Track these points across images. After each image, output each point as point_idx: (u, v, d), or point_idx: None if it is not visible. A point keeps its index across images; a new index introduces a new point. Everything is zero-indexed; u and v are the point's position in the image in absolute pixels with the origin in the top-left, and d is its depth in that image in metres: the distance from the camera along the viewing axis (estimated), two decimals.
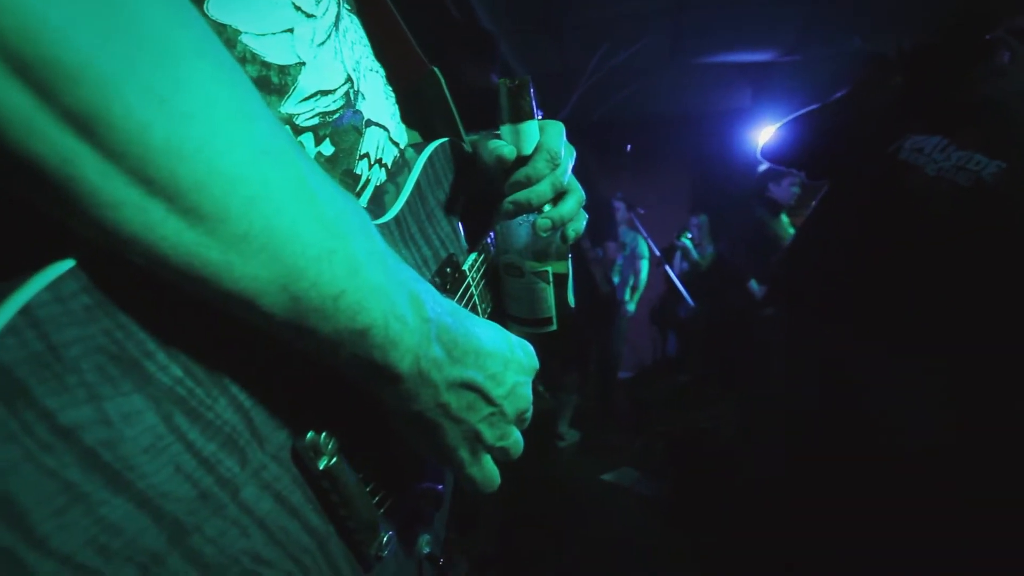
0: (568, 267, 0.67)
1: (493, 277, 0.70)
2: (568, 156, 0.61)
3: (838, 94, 1.43)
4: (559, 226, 0.61)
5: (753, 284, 3.64)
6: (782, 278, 1.82)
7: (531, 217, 0.60)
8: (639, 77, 3.94)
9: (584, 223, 0.66)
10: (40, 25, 0.20)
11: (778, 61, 4.12)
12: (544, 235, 0.60)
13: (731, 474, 2.18)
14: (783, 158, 1.65)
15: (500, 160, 0.57)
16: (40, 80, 0.21)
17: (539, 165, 0.58)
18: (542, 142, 0.59)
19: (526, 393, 0.45)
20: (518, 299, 0.65)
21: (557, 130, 0.61)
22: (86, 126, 0.22)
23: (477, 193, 0.71)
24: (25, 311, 0.23)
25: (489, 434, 0.42)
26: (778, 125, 1.61)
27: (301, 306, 0.29)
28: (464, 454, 0.42)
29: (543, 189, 0.59)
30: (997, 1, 1.26)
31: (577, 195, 0.64)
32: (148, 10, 0.23)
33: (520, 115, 0.57)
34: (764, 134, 1.64)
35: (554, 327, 0.66)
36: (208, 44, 0.27)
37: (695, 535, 2.28)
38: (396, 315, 0.33)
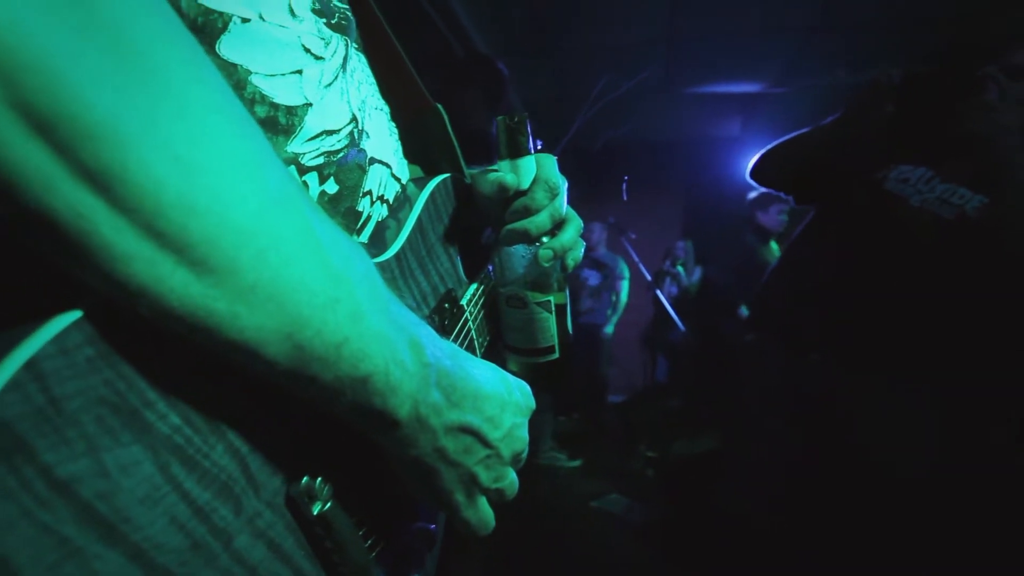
0: (567, 296, 0.69)
1: (492, 309, 0.71)
2: (563, 186, 0.63)
3: (829, 118, 1.45)
4: (560, 255, 0.62)
5: (744, 310, 3.68)
6: (763, 303, 1.83)
7: (531, 248, 0.61)
8: (635, 107, 4.02)
9: (582, 252, 0.67)
10: (64, 84, 0.20)
11: (767, 92, 4.23)
12: (546, 265, 0.61)
13: (719, 503, 2.17)
14: (771, 180, 1.67)
15: (501, 189, 0.59)
16: (60, 138, 0.21)
17: (538, 196, 0.60)
18: (540, 174, 0.61)
19: (523, 435, 0.45)
20: (521, 330, 0.65)
21: (551, 162, 0.63)
22: (102, 182, 0.22)
23: (477, 227, 0.72)
24: (30, 365, 0.23)
25: (485, 476, 0.42)
26: (768, 147, 1.62)
27: (305, 354, 0.29)
28: (460, 497, 0.42)
29: (542, 219, 0.60)
30: (991, 34, 1.30)
31: (575, 224, 0.66)
32: (168, 68, 0.24)
33: (518, 151, 0.59)
34: (754, 156, 1.65)
35: (557, 355, 0.67)
36: (223, 99, 0.27)
37: (687, 565, 2.26)
38: (397, 361, 0.33)
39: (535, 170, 0.60)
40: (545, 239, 0.61)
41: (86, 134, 0.21)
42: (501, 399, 0.43)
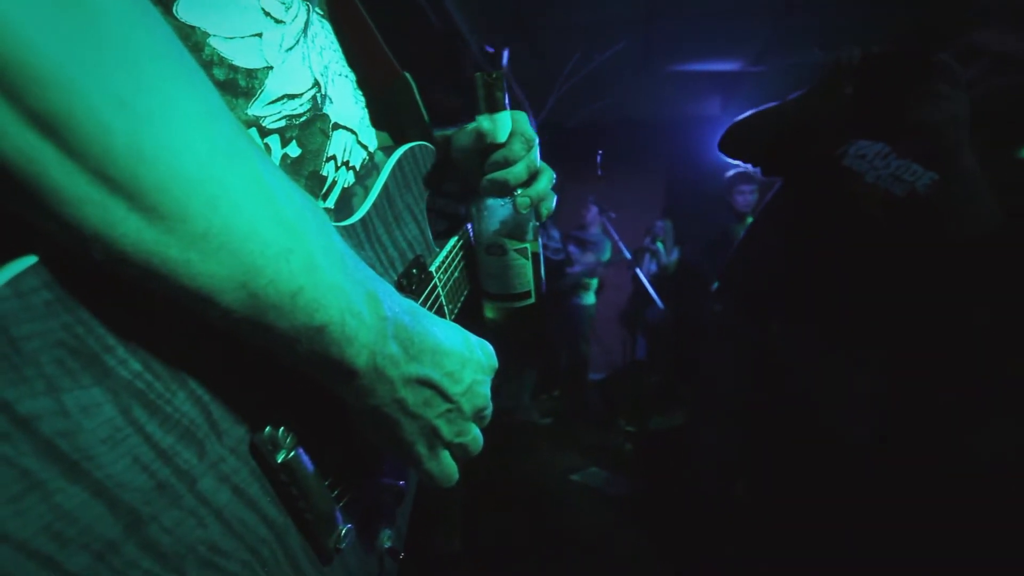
0: (540, 245, 0.74)
1: (466, 272, 0.73)
2: (536, 139, 0.67)
3: (794, 94, 1.48)
4: (535, 204, 0.68)
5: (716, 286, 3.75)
6: (728, 275, 1.88)
7: (508, 199, 0.66)
8: (613, 84, 4.01)
9: (554, 202, 0.72)
10: (8, 29, 0.21)
11: (746, 71, 4.25)
12: (524, 212, 0.67)
13: (688, 475, 2.25)
14: (738, 152, 1.70)
15: (478, 137, 0.63)
16: (7, 83, 0.21)
17: (515, 147, 0.64)
18: (516, 128, 0.65)
19: (484, 392, 0.47)
20: (499, 276, 0.70)
21: (525, 117, 0.67)
22: (50, 127, 0.22)
23: (446, 193, 0.73)
24: None
25: (447, 430, 0.44)
26: (736, 119, 1.65)
27: (259, 303, 0.30)
28: (422, 449, 0.44)
29: (519, 170, 0.65)
30: (947, 18, 1.33)
31: (548, 175, 0.70)
32: (112, 16, 0.24)
33: (495, 106, 0.63)
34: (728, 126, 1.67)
35: (532, 300, 0.73)
36: (169, 47, 0.27)
37: (664, 535, 2.33)
38: (353, 312, 0.35)
39: (511, 124, 0.64)
40: (520, 189, 0.66)
41: (32, 78, 0.21)
42: (462, 356, 0.44)
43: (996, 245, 1.21)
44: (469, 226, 0.75)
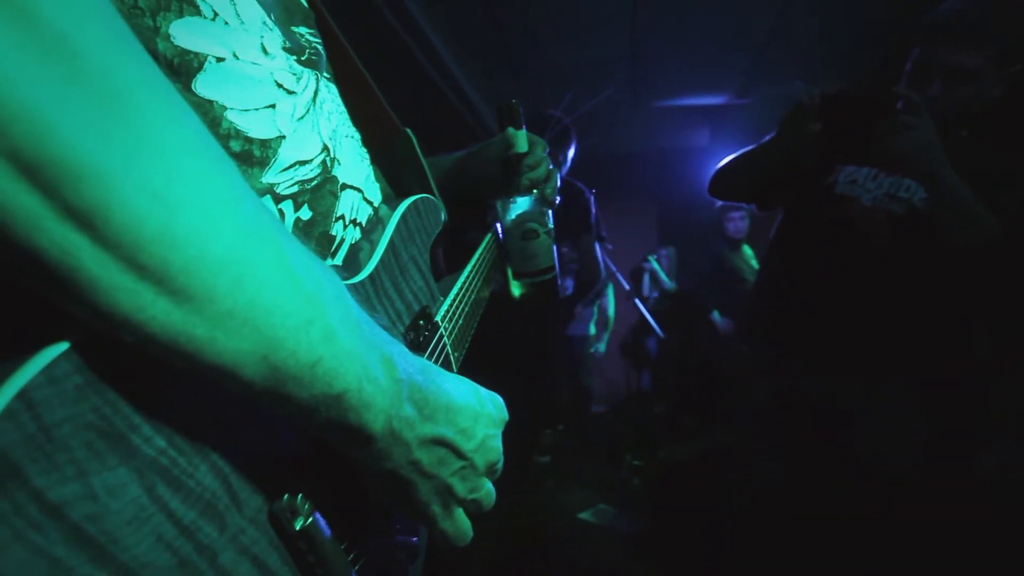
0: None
1: (468, 318, 0.77)
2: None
3: (767, 136, 1.51)
4: (555, 191, 0.93)
5: (716, 315, 3.75)
6: (750, 313, 1.88)
7: (532, 195, 0.90)
8: (603, 121, 4.13)
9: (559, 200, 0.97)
10: (51, 131, 0.22)
11: (732, 103, 4.38)
12: (549, 200, 0.91)
13: (709, 508, 2.19)
14: (729, 194, 1.73)
15: (508, 145, 0.88)
16: (46, 180, 0.22)
17: (538, 152, 0.91)
18: (533, 139, 0.90)
19: (496, 445, 0.47)
20: (534, 256, 0.92)
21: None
22: (86, 220, 0.23)
23: (447, 243, 0.76)
24: (22, 395, 0.25)
25: (460, 487, 0.44)
26: (720, 164, 1.67)
27: (280, 375, 0.31)
28: (436, 509, 0.44)
29: (543, 170, 0.91)
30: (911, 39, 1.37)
31: (556, 171, 0.96)
32: (146, 112, 0.25)
33: (518, 124, 0.87)
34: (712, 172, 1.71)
35: (555, 272, 0.95)
36: (198, 136, 0.29)
37: (674, 573, 2.27)
38: (370, 378, 0.35)
39: (528, 138, 0.88)
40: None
41: (71, 175, 0.22)
42: (474, 411, 0.45)
43: (1000, 249, 1.21)
44: (497, 224, 0.94)
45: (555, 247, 0.94)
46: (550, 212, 0.92)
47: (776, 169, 1.49)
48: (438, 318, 0.64)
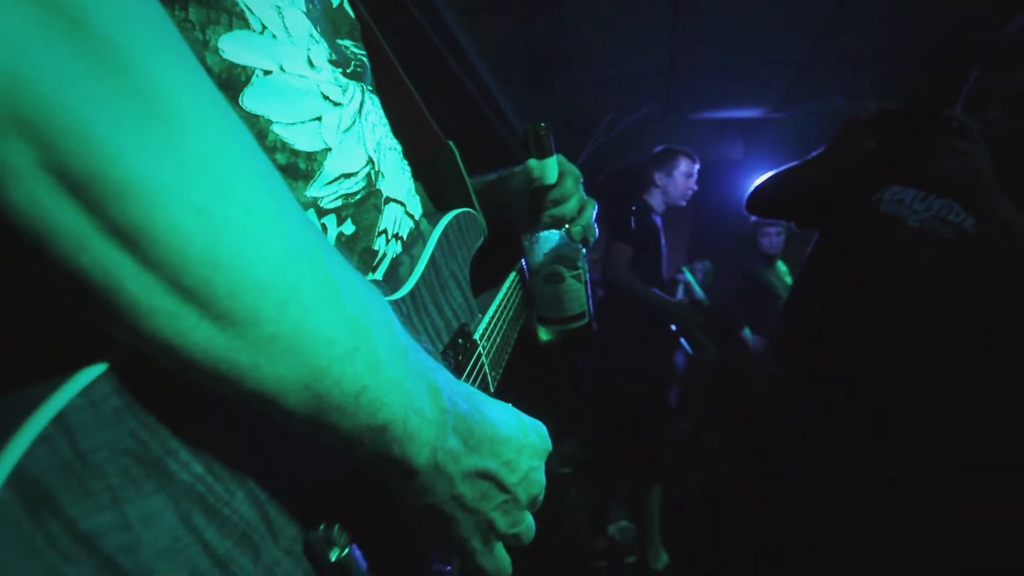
0: (587, 268, 0.83)
1: (507, 333, 0.75)
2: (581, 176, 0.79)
3: (815, 152, 1.46)
4: (586, 232, 0.77)
5: (747, 332, 3.64)
6: (783, 334, 1.82)
7: (560, 231, 0.76)
8: (638, 134, 4.09)
9: (597, 232, 0.81)
10: (98, 146, 0.20)
11: (768, 117, 4.29)
12: (577, 239, 0.76)
13: (733, 535, 2.12)
14: (769, 211, 1.69)
15: (529, 180, 0.73)
16: (91, 197, 0.21)
17: (568, 185, 0.75)
18: (565, 168, 0.75)
19: (539, 478, 0.45)
20: (559, 301, 0.78)
21: (566, 159, 0.77)
22: (131, 238, 0.22)
23: (488, 259, 0.74)
24: (59, 418, 0.23)
25: (502, 522, 0.42)
26: (760, 180, 1.63)
27: (323, 404, 0.29)
28: (476, 543, 0.41)
29: (573, 204, 0.76)
30: (968, 63, 1.30)
31: (592, 205, 0.79)
32: (196, 126, 0.24)
33: (544, 152, 0.71)
34: (750, 188, 1.67)
35: (587, 319, 0.80)
36: (248, 154, 0.27)
37: None
38: (415, 408, 0.33)
39: (557, 168, 0.73)
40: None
41: (117, 192, 0.21)
42: (518, 442, 0.42)
43: None
44: (523, 261, 0.82)
45: (587, 291, 0.80)
46: (582, 252, 0.78)
47: (823, 185, 1.44)
48: (476, 336, 0.62)
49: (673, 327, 3.72)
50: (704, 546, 2.65)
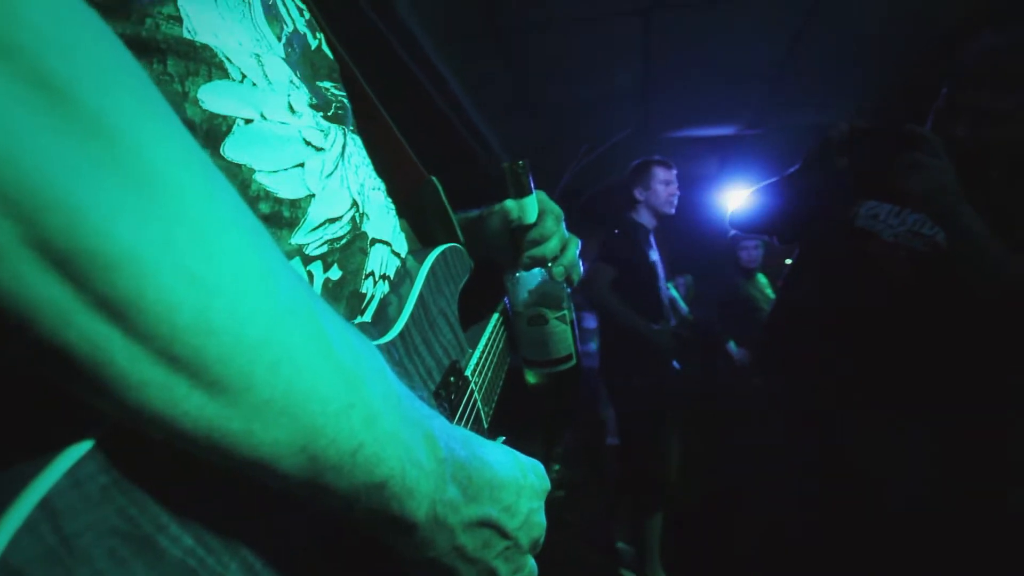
0: (573, 309, 0.80)
1: (498, 368, 0.74)
2: (562, 214, 0.76)
3: (791, 169, 1.51)
4: (569, 272, 0.74)
5: (731, 345, 3.68)
6: (764, 345, 1.85)
7: (542, 271, 0.73)
8: (614, 156, 4.17)
9: (582, 269, 0.78)
10: (84, 219, 0.20)
11: (742, 133, 4.41)
12: (560, 280, 0.73)
13: (726, 547, 2.12)
14: (751, 226, 1.74)
15: (507, 220, 0.71)
16: (77, 271, 0.20)
17: (548, 224, 0.72)
18: (545, 207, 0.72)
19: (540, 520, 0.44)
20: (543, 344, 0.75)
21: (546, 196, 0.74)
22: (118, 311, 0.21)
23: (476, 294, 0.74)
24: (43, 504, 0.22)
25: (504, 569, 0.41)
26: (740, 198, 1.70)
27: (318, 465, 0.28)
28: None
29: (555, 244, 0.73)
30: (935, 79, 1.36)
31: (575, 243, 0.76)
32: (182, 189, 0.24)
33: (522, 191, 0.69)
34: (732, 202, 1.74)
35: (574, 361, 0.78)
36: (236, 213, 0.27)
37: None
38: (413, 461, 0.33)
39: (537, 206, 0.71)
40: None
41: (103, 265, 0.20)
42: (517, 484, 0.42)
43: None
44: (506, 300, 0.79)
45: (573, 332, 0.77)
46: (566, 292, 0.75)
47: (801, 203, 1.48)
48: (468, 372, 0.62)
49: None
50: (702, 564, 2.62)
